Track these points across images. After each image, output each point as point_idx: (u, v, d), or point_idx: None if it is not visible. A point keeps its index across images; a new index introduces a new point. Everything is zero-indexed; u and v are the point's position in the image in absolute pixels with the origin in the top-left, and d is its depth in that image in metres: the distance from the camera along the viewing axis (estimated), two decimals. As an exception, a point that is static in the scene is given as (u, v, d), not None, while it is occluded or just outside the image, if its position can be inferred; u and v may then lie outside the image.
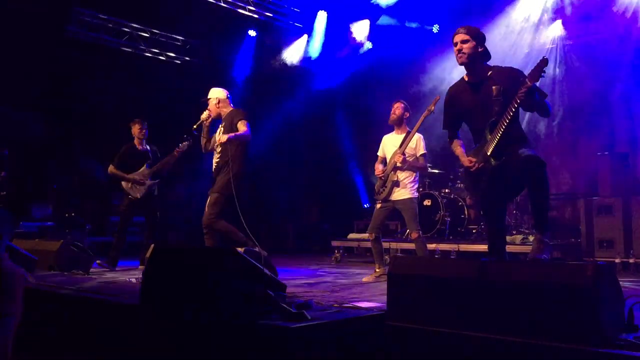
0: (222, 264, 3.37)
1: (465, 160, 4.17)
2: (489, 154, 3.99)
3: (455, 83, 4.37)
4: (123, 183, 7.03)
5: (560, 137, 9.12)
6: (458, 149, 4.36)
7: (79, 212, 9.28)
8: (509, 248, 6.24)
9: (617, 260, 6.79)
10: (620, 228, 6.98)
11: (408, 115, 6.15)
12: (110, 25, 9.90)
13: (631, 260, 6.78)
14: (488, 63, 4.19)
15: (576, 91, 8.81)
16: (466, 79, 4.24)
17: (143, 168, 7.09)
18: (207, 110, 5.95)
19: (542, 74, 3.78)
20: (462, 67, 4.22)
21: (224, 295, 3.20)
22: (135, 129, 7.20)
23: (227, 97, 6.00)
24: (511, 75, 4.03)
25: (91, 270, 6.16)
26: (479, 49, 4.09)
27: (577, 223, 7.70)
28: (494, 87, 3.98)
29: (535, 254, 3.81)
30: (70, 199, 9.46)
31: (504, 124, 3.90)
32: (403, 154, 5.88)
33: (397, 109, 6.14)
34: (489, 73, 4.12)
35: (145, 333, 3.51)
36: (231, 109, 5.95)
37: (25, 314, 3.08)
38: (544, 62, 3.81)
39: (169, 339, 3.37)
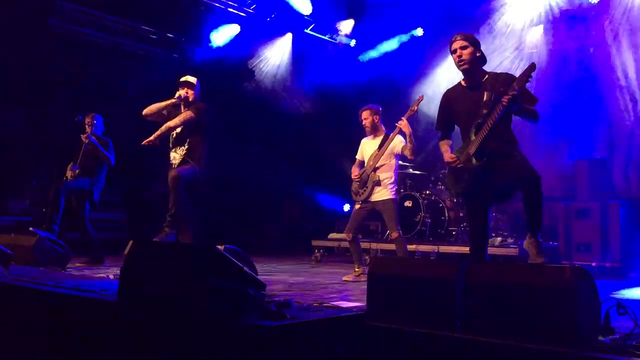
0: (200, 260, 3.34)
1: (448, 156, 4.26)
2: (471, 153, 4.06)
3: (453, 86, 4.47)
4: None
5: (540, 142, 9.19)
6: (444, 147, 4.47)
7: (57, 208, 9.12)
8: (489, 250, 6.28)
9: (593, 264, 6.87)
10: (597, 232, 7.07)
11: (379, 117, 6.08)
12: (93, 19, 9.76)
13: (607, 265, 6.86)
14: (484, 68, 4.28)
15: (557, 96, 8.90)
16: (463, 83, 4.34)
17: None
18: (183, 90, 5.96)
19: (529, 78, 3.86)
20: (454, 70, 4.33)
21: (202, 293, 3.17)
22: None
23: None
24: (506, 81, 4.09)
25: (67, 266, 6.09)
26: (477, 54, 4.19)
27: (555, 226, 7.77)
28: (485, 92, 4.06)
29: (536, 259, 3.87)
30: (49, 194, 9.30)
31: (488, 126, 3.97)
32: (407, 119, 5.72)
33: (366, 119, 6.05)
34: (485, 78, 4.19)
35: (123, 330, 3.47)
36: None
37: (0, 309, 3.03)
38: (531, 67, 3.89)
39: (146, 335, 3.33)
